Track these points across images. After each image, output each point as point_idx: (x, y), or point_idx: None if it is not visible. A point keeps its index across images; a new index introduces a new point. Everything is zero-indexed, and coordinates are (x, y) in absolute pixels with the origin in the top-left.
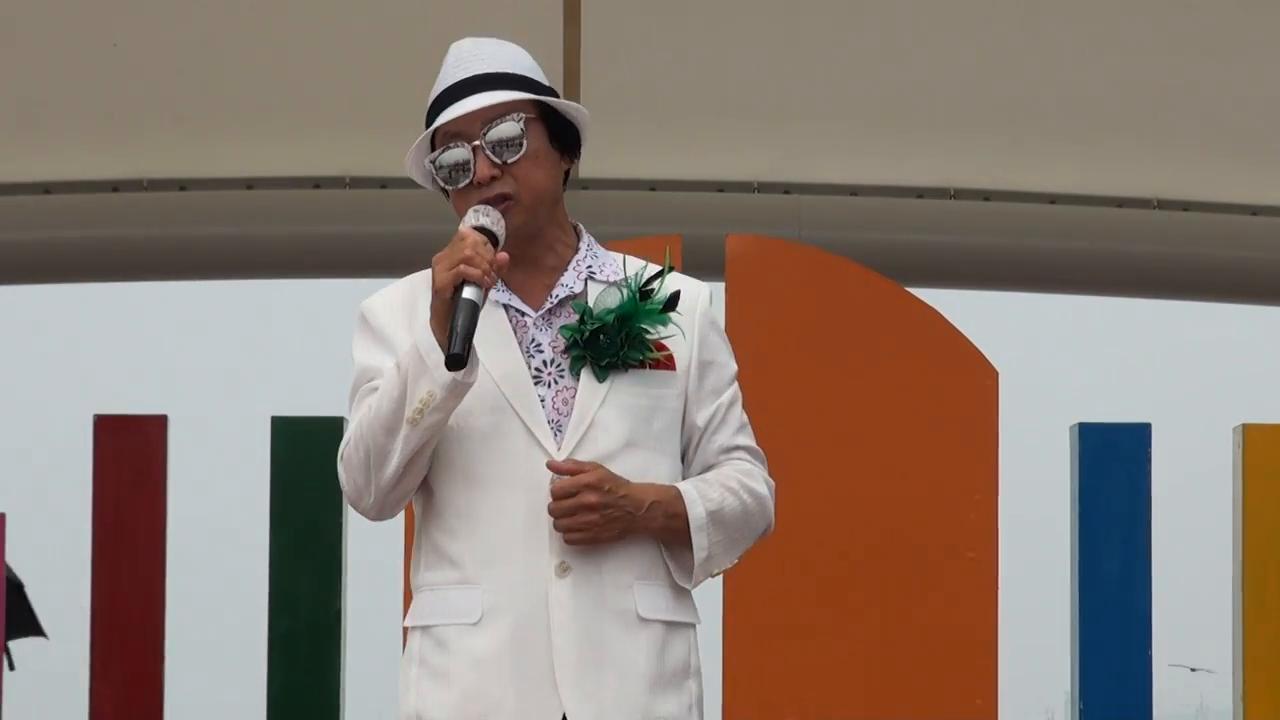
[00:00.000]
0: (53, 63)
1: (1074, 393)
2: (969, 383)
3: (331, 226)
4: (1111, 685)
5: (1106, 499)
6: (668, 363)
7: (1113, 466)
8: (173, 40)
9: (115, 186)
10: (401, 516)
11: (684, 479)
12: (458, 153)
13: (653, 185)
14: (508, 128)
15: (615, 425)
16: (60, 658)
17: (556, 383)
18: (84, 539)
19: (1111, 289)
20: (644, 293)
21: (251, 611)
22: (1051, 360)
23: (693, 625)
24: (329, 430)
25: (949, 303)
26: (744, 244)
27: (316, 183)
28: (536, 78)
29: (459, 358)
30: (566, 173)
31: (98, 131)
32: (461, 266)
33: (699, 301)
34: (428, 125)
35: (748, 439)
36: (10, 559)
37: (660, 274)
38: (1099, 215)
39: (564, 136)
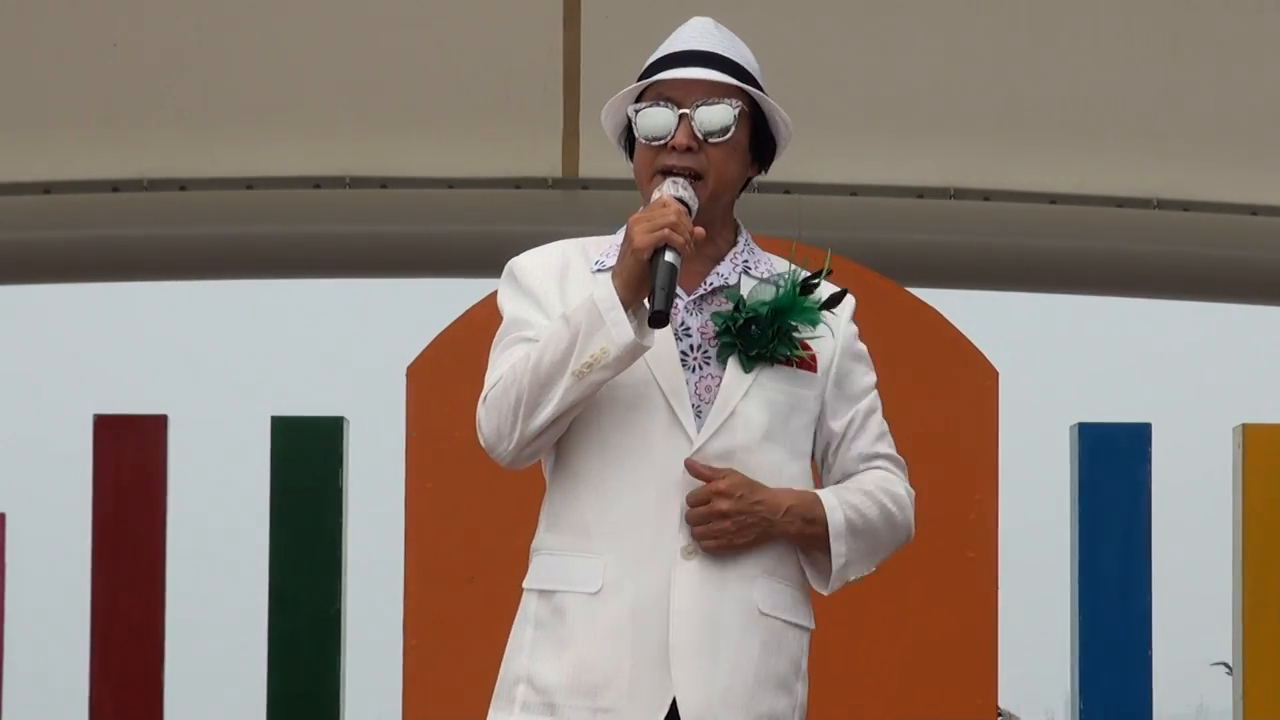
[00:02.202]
0: (53, 63)
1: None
2: (969, 383)
3: (331, 226)
4: (1111, 685)
5: (1106, 499)
6: (811, 363)
7: (1113, 466)
8: (173, 40)
9: (115, 186)
10: (402, 516)
11: (822, 486)
12: (664, 112)
13: None
14: (722, 109)
15: (756, 417)
16: (60, 658)
17: (702, 368)
18: (84, 539)
19: (1111, 289)
20: (803, 289)
21: (251, 611)
22: (1051, 360)
23: (809, 630)
24: (329, 430)
25: (949, 303)
26: None
27: (316, 183)
28: (760, 81)
29: (663, 315)
30: (748, 180)
31: (98, 131)
32: (667, 231)
33: (846, 309)
34: (646, 72)
35: (888, 447)
36: (10, 559)
37: (819, 274)
38: (1099, 215)
39: (763, 144)
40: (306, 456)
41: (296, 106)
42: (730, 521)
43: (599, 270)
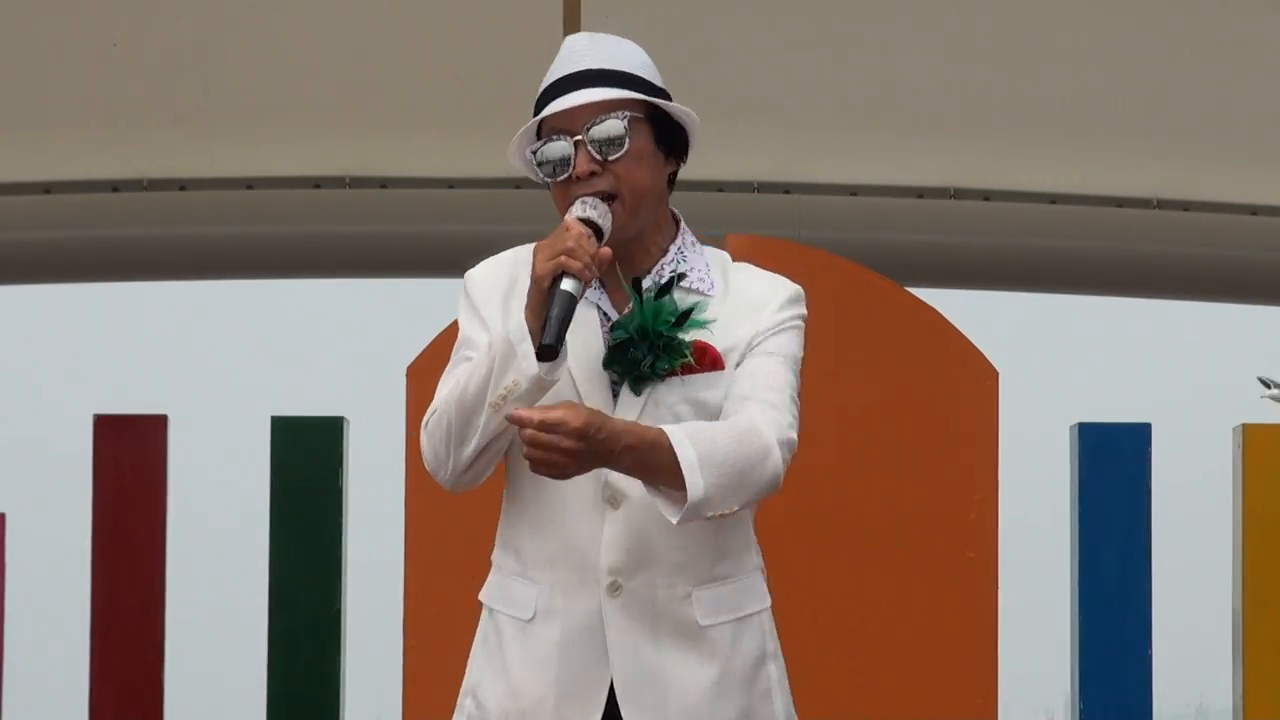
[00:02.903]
0: (53, 63)
1: (1074, 393)
2: (969, 383)
3: (331, 226)
4: (1111, 685)
5: (1106, 499)
6: (716, 362)
7: (1113, 466)
8: (173, 40)
9: (115, 186)
10: (402, 516)
11: None
12: (560, 146)
13: None
14: (611, 125)
15: None
16: (60, 658)
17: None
18: (84, 539)
19: (1111, 289)
20: (659, 293)
21: (251, 611)
22: (1051, 360)
23: (762, 610)
24: (329, 430)
25: (949, 303)
26: (744, 244)
27: (316, 183)
28: (648, 76)
29: (551, 349)
30: (673, 175)
31: (98, 131)
32: (563, 258)
33: (778, 296)
34: (534, 112)
35: (772, 393)
36: (10, 559)
37: (672, 280)
38: (1099, 215)
39: (671, 138)
40: (306, 456)
41: (296, 106)
42: (572, 459)
43: None
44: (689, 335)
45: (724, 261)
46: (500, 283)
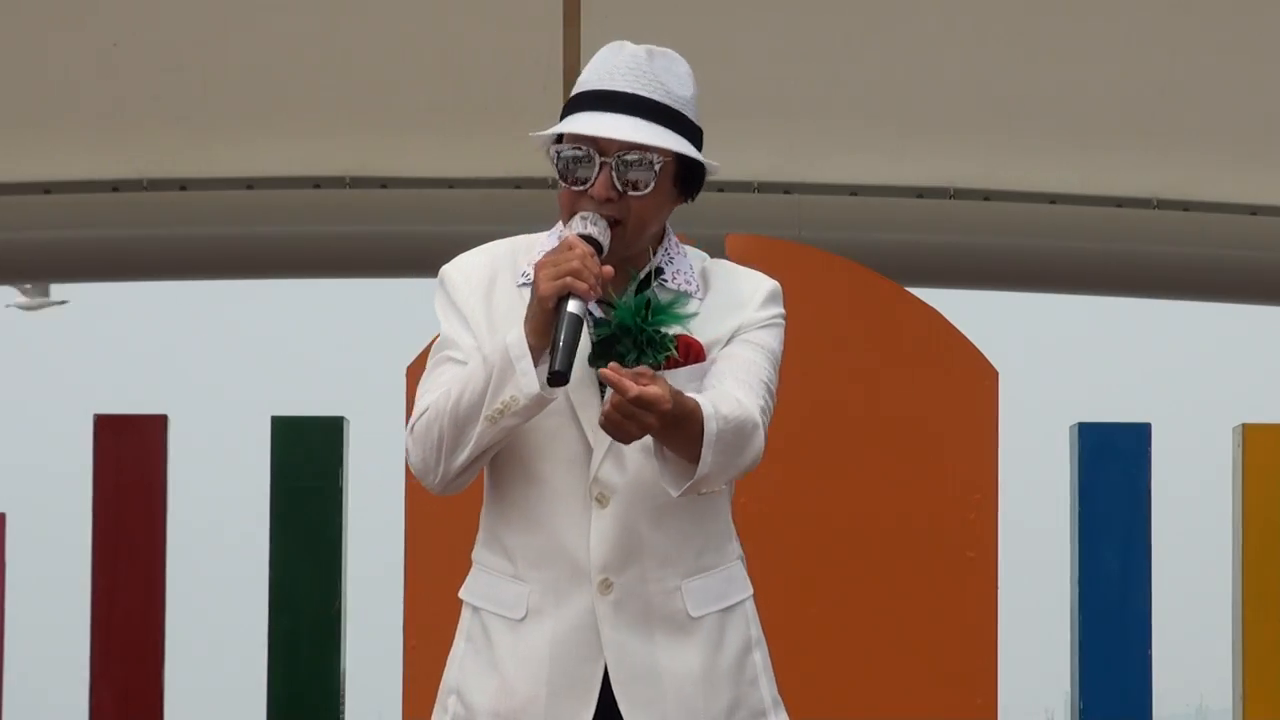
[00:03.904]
0: (53, 63)
1: (1074, 393)
2: (969, 383)
3: (331, 226)
4: (1111, 685)
5: (1106, 499)
6: (698, 357)
7: (1113, 466)
8: (173, 40)
9: (115, 186)
10: (402, 516)
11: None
12: (584, 156)
13: None
14: (642, 169)
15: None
16: (60, 658)
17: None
18: (84, 539)
19: (1111, 289)
20: (639, 288)
21: (251, 611)
22: (1051, 360)
23: (746, 598)
24: (329, 430)
25: (949, 303)
26: (744, 244)
27: (316, 183)
28: (690, 115)
29: (562, 375)
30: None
31: (98, 131)
32: (569, 279)
33: (759, 293)
34: (571, 105)
35: (753, 379)
36: (10, 559)
37: (650, 276)
38: (1099, 215)
39: (688, 181)
40: (306, 456)
41: (296, 106)
42: (647, 432)
43: (524, 284)
44: (672, 330)
45: (703, 259)
46: (480, 280)
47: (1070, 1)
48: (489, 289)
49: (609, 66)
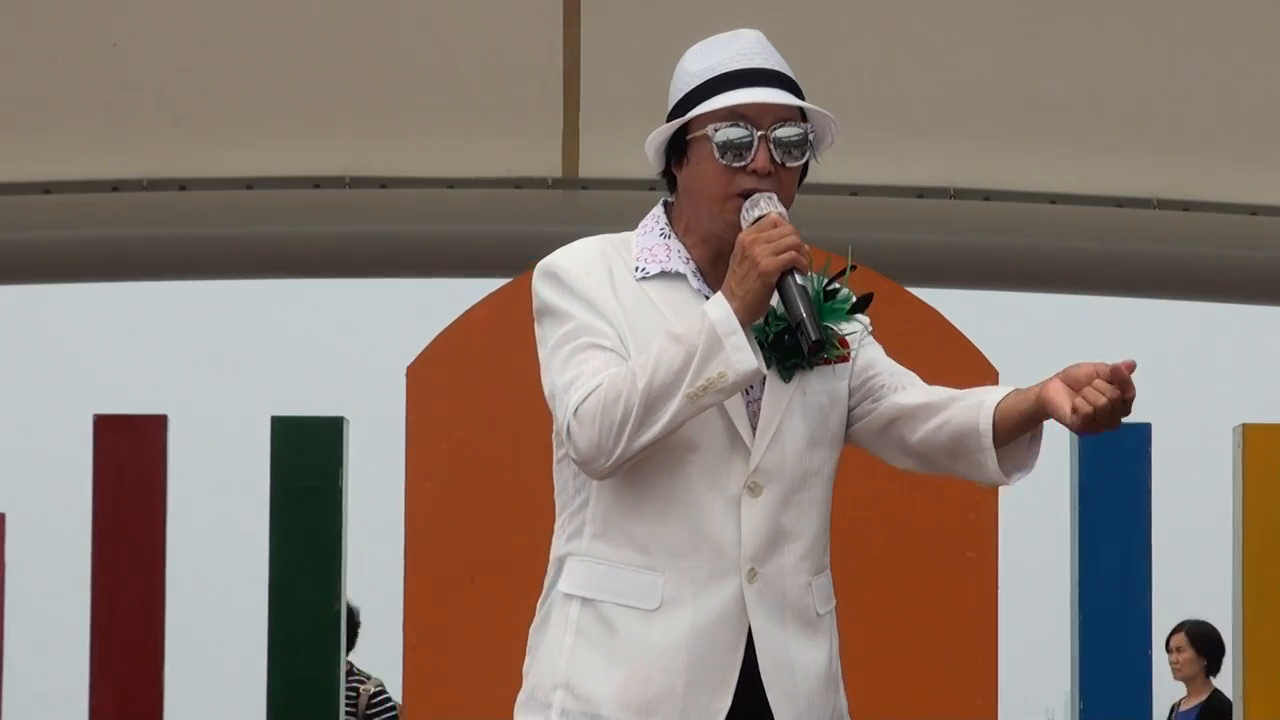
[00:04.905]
0: (53, 63)
1: None
2: (969, 383)
3: (331, 226)
4: (1111, 685)
5: (1106, 499)
6: (846, 356)
7: (1113, 466)
8: (173, 40)
9: (115, 186)
10: (402, 516)
11: (861, 427)
12: (741, 132)
13: (653, 185)
14: (797, 131)
15: (800, 426)
16: (60, 658)
17: (752, 386)
18: (84, 539)
19: (1111, 289)
20: (828, 293)
21: (251, 611)
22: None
23: (836, 603)
24: (329, 430)
25: (949, 303)
26: None
27: (316, 183)
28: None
29: (821, 343)
30: None
31: (98, 131)
32: (793, 254)
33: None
34: (706, 93)
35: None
36: (10, 559)
37: (842, 273)
38: (1099, 215)
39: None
40: (306, 456)
41: (296, 106)
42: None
43: (644, 278)
44: (843, 327)
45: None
46: (600, 271)
47: (1070, 2)
48: (612, 280)
49: (738, 51)
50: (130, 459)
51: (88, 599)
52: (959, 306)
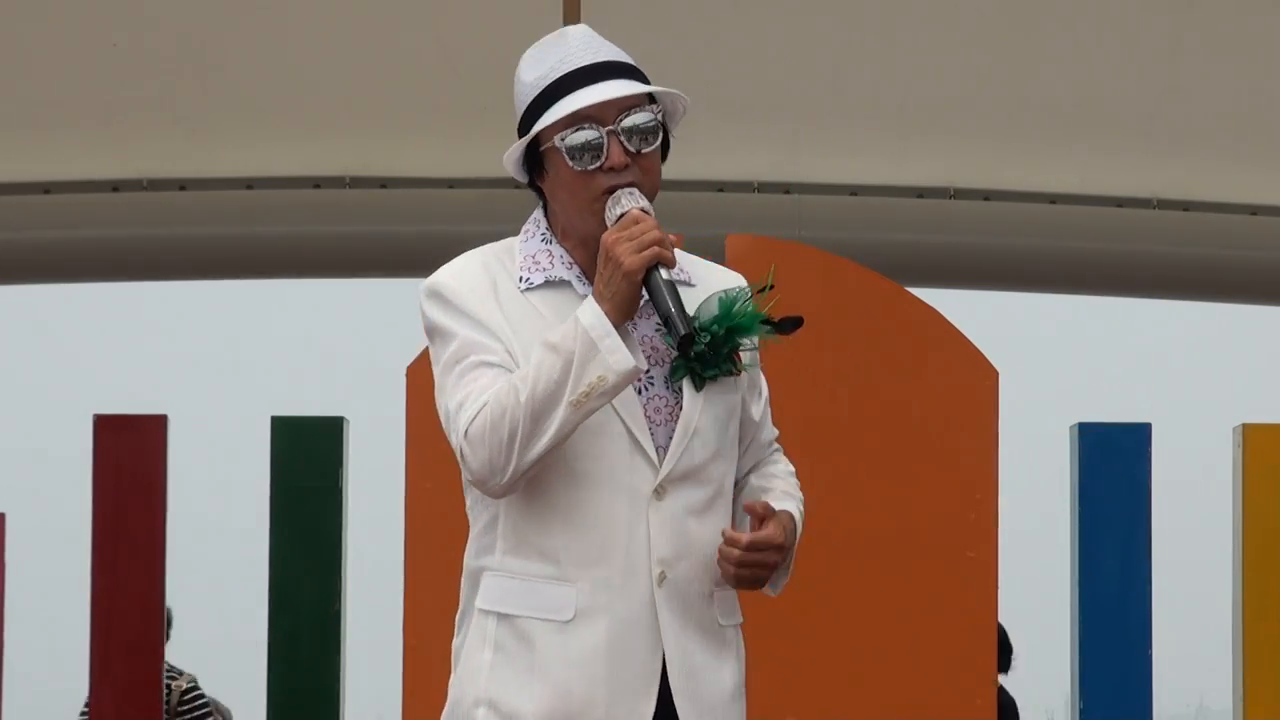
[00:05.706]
0: (53, 63)
1: (1074, 393)
2: (969, 383)
3: (331, 226)
4: (1111, 685)
5: (1106, 499)
6: (737, 372)
7: (1113, 466)
8: (173, 40)
9: (115, 186)
10: (402, 516)
11: (737, 473)
12: (589, 134)
13: None
14: (645, 117)
15: (710, 436)
16: (60, 658)
17: (648, 388)
18: (84, 539)
19: (1111, 289)
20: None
21: (251, 611)
22: (1051, 360)
23: (741, 621)
24: (329, 430)
25: (949, 303)
26: (744, 244)
27: (316, 183)
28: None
29: (691, 337)
30: None
31: (98, 131)
32: (657, 249)
33: (735, 284)
34: (545, 103)
35: (773, 429)
36: (10, 559)
37: (765, 289)
38: (1099, 215)
39: (666, 140)
40: (306, 456)
41: (296, 106)
42: (767, 572)
43: (529, 289)
44: (744, 340)
45: (715, 268)
46: (484, 287)
47: (1071, 2)
48: (494, 295)
49: (561, 53)
50: (130, 459)
51: (88, 599)
52: (959, 306)
